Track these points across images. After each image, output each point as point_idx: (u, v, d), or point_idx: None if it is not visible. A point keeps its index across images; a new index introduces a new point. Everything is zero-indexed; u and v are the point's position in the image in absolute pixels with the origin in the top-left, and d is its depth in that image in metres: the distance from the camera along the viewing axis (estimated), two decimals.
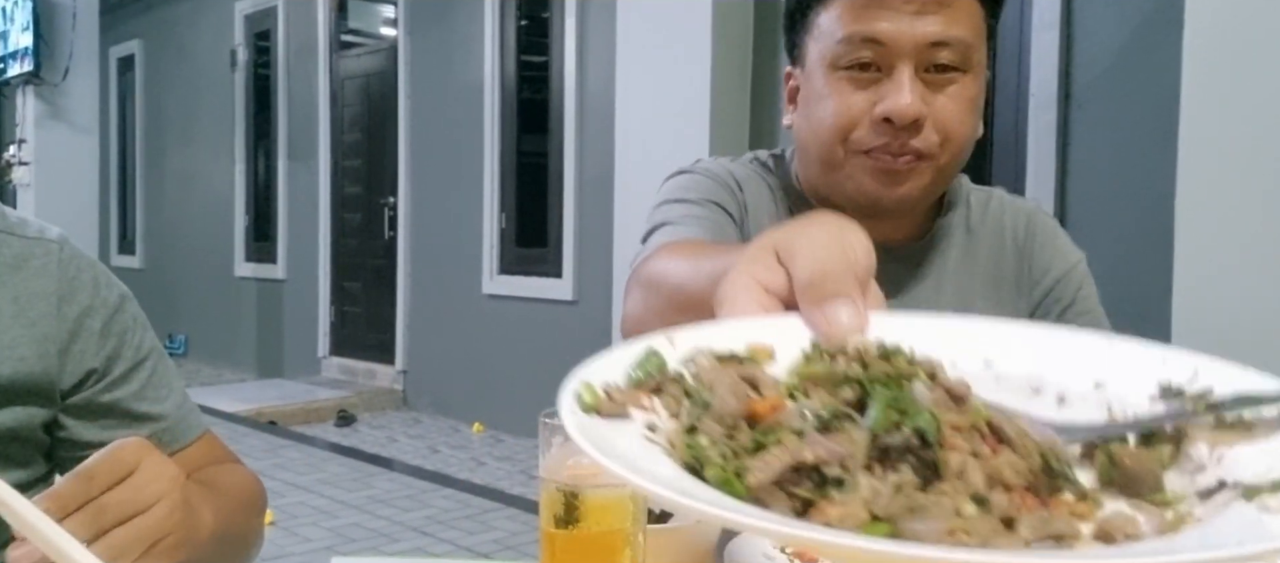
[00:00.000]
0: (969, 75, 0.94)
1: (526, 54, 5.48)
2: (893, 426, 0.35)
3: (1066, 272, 1.03)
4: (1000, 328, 0.48)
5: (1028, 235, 1.04)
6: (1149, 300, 2.05)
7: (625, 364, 0.42)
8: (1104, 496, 0.37)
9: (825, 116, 0.95)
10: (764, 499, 0.35)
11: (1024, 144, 3.33)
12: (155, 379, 0.93)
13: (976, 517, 0.33)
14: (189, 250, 7.89)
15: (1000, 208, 1.06)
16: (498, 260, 5.60)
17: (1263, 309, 1.64)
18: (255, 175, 7.41)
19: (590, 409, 0.39)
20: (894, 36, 0.91)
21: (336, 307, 6.80)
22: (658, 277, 0.81)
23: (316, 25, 6.70)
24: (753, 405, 0.39)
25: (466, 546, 3.61)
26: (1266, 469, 0.35)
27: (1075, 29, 3.21)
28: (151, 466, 0.66)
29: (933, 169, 0.94)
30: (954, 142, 0.94)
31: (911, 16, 0.91)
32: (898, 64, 0.92)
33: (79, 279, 0.90)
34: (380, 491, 4.31)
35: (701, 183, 1.00)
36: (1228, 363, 0.42)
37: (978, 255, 1.04)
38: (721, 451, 0.37)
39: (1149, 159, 2.94)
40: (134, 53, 8.38)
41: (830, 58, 0.94)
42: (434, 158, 5.96)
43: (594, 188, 4.83)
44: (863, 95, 0.93)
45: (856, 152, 0.94)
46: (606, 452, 0.35)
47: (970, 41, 0.93)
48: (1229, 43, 1.69)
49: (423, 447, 5.25)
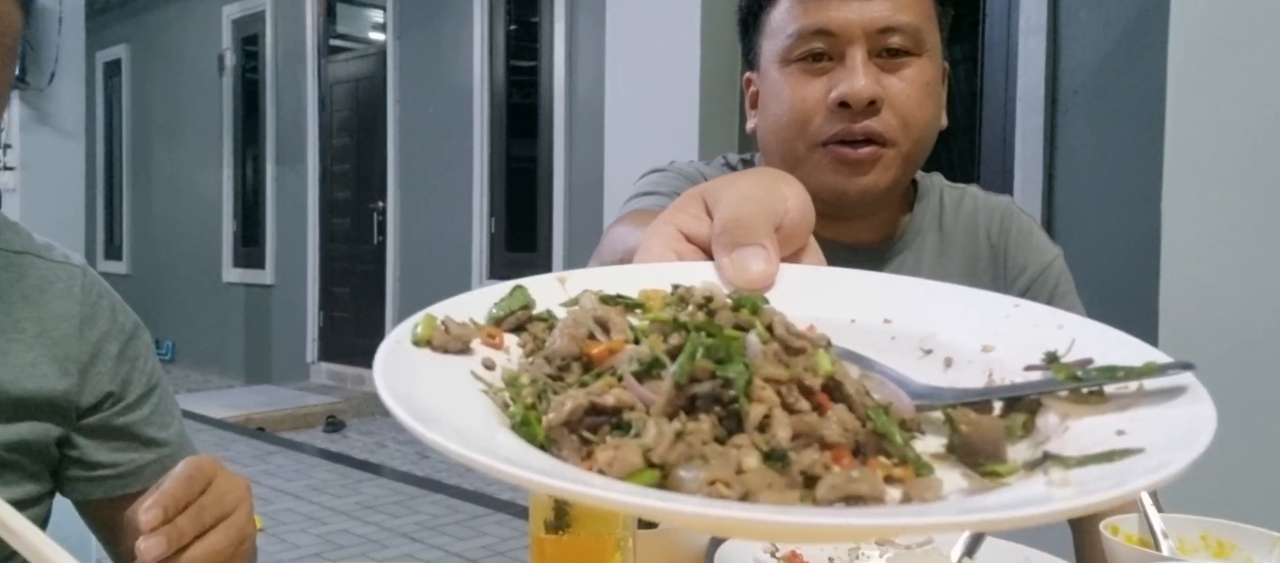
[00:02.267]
0: (922, 58, 0.94)
1: (516, 58, 5.48)
2: (701, 375, 0.33)
3: (1043, 268, 1.02)
4: (907, 286, 0.47)
5: (1002, 232, 1.03)
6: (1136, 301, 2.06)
7: (492, 299, 0.41)
8: (945, 463, 0.36)
9: (782, 111, 0.96)
10: (557, 442, 0.33)
11: (1012, 147, 3.34)
12: (162, 406, 0.97)
13: (757, 470, 0.31)
14: (176, 256, 7.85)
15: (974, 205, 1.05)
16: (487, 265, 5.59)
17: (1249, 309, 1.65)
18: (243, 180, 7.38)
19: (422, 341, 0.38)
20: (843, 24, 0.92)
21: (325, 312, 6.78)
22: (608, 243, 0.84)
23: (305, 30, 6.68)
24: (586, 347, 0.37)
25: (456, 551, 3.60)
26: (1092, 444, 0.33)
27: (1062, 33, 3.23)
28: (225, 477, 0.75)
29: (895, 157, 0.94)
30: (913, 125, 0.94)
31: (859, 3, 0.92)
32: (849, 50, 0.92)
33: (99, 305, 0.94)
34: (369, 496, 4.30)
35: (672, 179, 1.01)
36: (1118, 334, 0.39)
37: (952, 253, 1.03)
38: (540, 391, 0.36)
39: (1135, 161, 2.96)
40: (121, 57, 8.34)
41: (782, 53, 0.96)
42: (423, 162, 5.95)
43: (583, 192, 4.83)
44: (817, 83, 0.94)
45: (816, 145, 0.94)
46: (394, 383, 0.32)
47: (919, 25, 0.94)
48: (1213, 46, 1.71)
49: (412, 452, 5.23)
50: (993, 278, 1.02)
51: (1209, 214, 1.70)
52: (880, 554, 0.75)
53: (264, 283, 7.13)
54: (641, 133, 3.86)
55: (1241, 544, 0.73)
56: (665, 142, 3.69)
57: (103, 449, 0.93)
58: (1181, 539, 0.74)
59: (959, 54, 3.56)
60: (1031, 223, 1.06)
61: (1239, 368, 1.65)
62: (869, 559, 0.75)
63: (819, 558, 0.75)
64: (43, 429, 0.89)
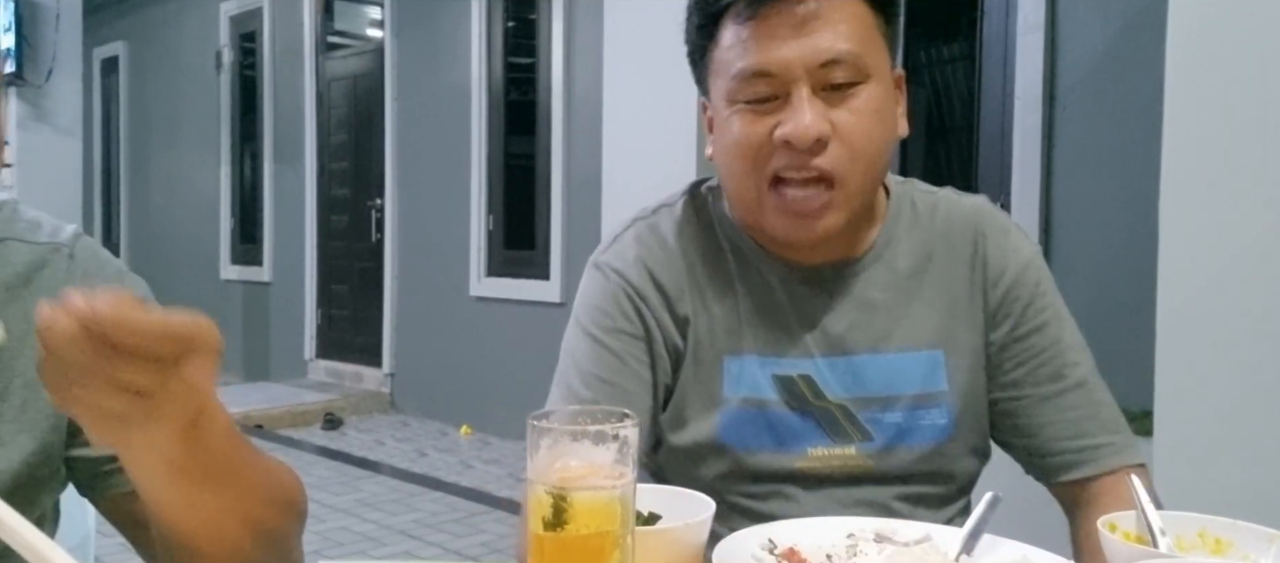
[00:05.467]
0: (870, 84, 0.93)
1: (514, 56, 5.47)
2: None
3: (1022, 269, 1.01)
4: None
5: (979, 236, 1.02)
6: (1134, 299, 2.06)
7: None
8: None
9: (733, 153, 0.95)
10: None
11: (1009, 146, 3.34)
12: None
13: None
14: (174, 253, 7.84)
15: (948, 209, 1.04)
16: (485, 263, 5.58)
17: (1248, 308, 1.65)
18: (241, 178, 7.37)
19: None
20: (783, 64, 0.91)
21: (323, 309, 6.77)
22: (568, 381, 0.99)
23: (302, 27, 6.67)
24: None
25: (455, 549, 3.60)
26: None
27: (1059, 32, 3.23)
28: None
29: (844, 197, 0.93)
30: (862, 156, 0.93)
31: (795, 41, 0.91)
32: (793, 88, 0.91)
33: (90, 283, 0.82)
34: (367, 494, 4.29)
35: (609, 312, 1.00)
36: None
37: (926, 262, 1.02)
38: None
39: (1133, 160, 2.96)
40: (118, 54, 8.32)
41: (728, 93, 0.95)
42: (421, 160, 5.95)
43: (582, 190, 4.83)
44: (764, 123, 0.93)
45: (767, 185, 0.94)
46: None
47: (860, 52, 0.92)
48: (1212, 44, 1.71)
49: (410, 450, 5.23)
50: (970, 284, 1.02)
51: (1207, 212, 1.70)
52: (879, 551, 0.75)
53: (262, 280, 7.12)
54: (640, 130, 3.85)
55: (1239, 542, 0.74)
56: (663, 138, 3.69)
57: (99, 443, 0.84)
58: (1179, 537, 0.75)
59: (957, 52, 3.56)
60: (1006, 221, 1.06)
61: (1237, 367, 1.65)
62: (867, 557, 0.75)
63: (817, 556, 0.75)
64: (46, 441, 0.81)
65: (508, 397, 4.91)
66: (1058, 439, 0.99)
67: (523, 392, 0.96)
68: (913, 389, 0.99)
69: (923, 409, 0.99)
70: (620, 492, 0.62)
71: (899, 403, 0.99)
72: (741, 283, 1.01)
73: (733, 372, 0.99)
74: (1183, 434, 1.66)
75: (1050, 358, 0.99)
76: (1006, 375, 1.01)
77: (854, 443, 0.98)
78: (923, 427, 0.99)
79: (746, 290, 1.01)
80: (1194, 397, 1.67)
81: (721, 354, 0.99)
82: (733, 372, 0.99)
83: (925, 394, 0.99)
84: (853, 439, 0.98)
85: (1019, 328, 1.00)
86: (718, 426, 0.98)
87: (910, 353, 0.99)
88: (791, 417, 0.98)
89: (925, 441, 0.99)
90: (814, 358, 0.99)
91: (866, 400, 0.98)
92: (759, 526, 0.78)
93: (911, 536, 0.77)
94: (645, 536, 0.70)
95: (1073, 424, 0.98)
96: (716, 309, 1.00)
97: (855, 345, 0.99)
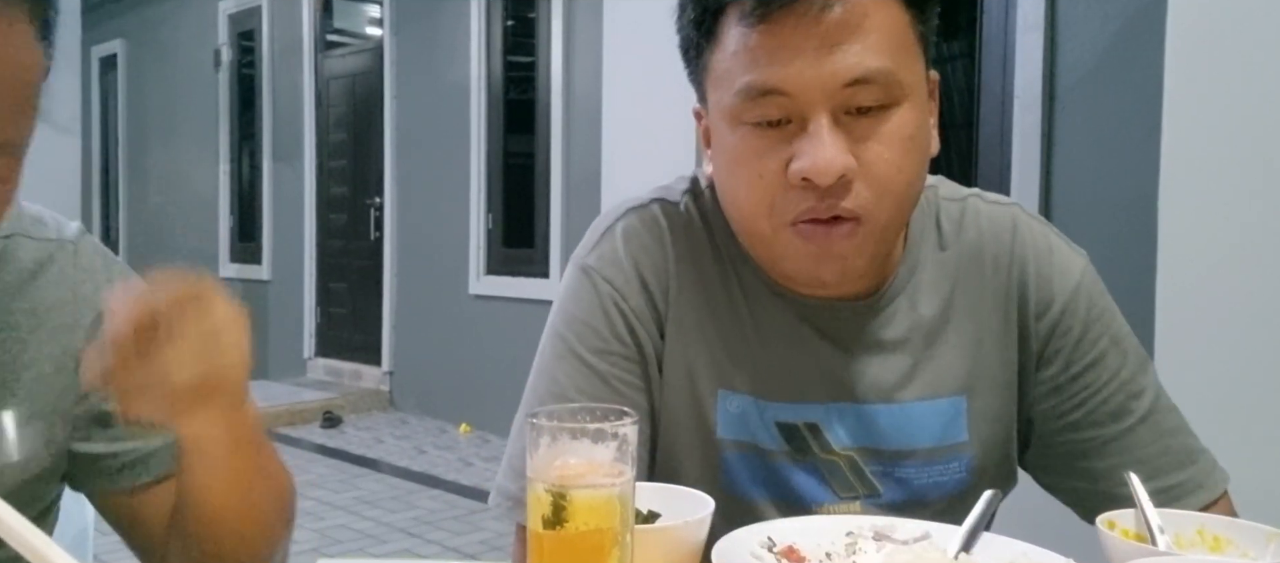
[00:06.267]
0: (903, 106, 0.78)
1: (513, 54, 5.47)
2: None
3: (1071, 296, 0.88)
4: None
5: (1015, 261, 0.89)
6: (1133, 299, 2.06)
7: None
8: None
9: (740, 188, 0.81)
10: None
11: (1009, 144, 3.34)
12: None
13: None
14: (172, 251, 7.83)
15: (976, 222, 0.91)
16: (484, 261, 5.58)
17: (1246, 306, 1.65)
18: (239, 176, 7.37)
19: None
20: (800, 85, 0.75)
21: (322, 308, 6.77)
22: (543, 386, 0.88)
23: (301, 25, 6.67)
24: None
25: (453, 546, 3.60)
26: None
27: (1059, 31, 3.23)
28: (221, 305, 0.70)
29: (870, 232, 0.79)
30: (892, 194, 0.79)
31: (818, 54, 0.74)
32: (811, 113, 0.76)
33: (93, 281, 0.83)
34: (367, 492, 4.29)
35: (598, 329, 0.88)
36: None
37: (955, 283, 0.90)
38: None
39: (1132, 158, 2.96)
40: (116, 52, 8.32)
41: (730, 111, 0.79)
42: (420, 158, 5.94)
43: (581, 188, 4.83)
44: (777, 156, 0.78)
45: (783, 225, 0.80)
46: None
47: (894, 69, 0.76)
48: (1211, 43, 1.71)
49: (409, 448, 5.23)
50: (1005, 318, 0.89)
51: (1206, 211, 1.70)
52: (878, 549, 0.75)
53: (261, 278, 7.12)
54: (639, 128, 3.85)
55: (1237, 540, 0.74)
56: (662, 136, 3.69)
57: (100, 439, 0.84)
58: (1178, 534, 0.75)
59: (956, 50, 3.56)
60: (1048, 236, 0.91)
61: (1236, 365, 1.65)
62: (866, 555, 0.75)
63: (817, 554, 0.75)
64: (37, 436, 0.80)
65: (506, 395, 4.90)
66: (1125, 485, 0.83)
67: (521, 390, 0.95)
68: (929, 443, 0.88)
69: (939, 464, 0.88)
70: (619, 490, 0.62)
71: (913, 458, 0.88)
72: (744, 307, 0.89)
73: (729, 409, 0.88)
74: None
75: (1111, 394, 0.88)
76: (1063, 418, 0.89)
77: (859, 498, 0.88)
78: (938, 482, 0.88)
79: (749, 317, 0.89)
80: (1192, 394, 1.67)
81: (716, 386, 0.88)
82: (729, 409, 0.88)
83: (943, 447, 0.88)
84: (858, 494, 0.88)
85: (1073, 365, 0.88)
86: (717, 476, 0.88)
87: (928, 402, 0.88)
88: (793, 470, 0.88)
89: (939, 497, 0.89)
90: (823, 405, 0.88)
91: (876, 453, 0.88)
92: (758, 524, 0.78)
93: (910, 533, 0.77)
94: (644, 534, 0.70)
95: (1141, 465, 0.85)
96: (711, 329, 0.88)
97: (867, 394, 0.87)
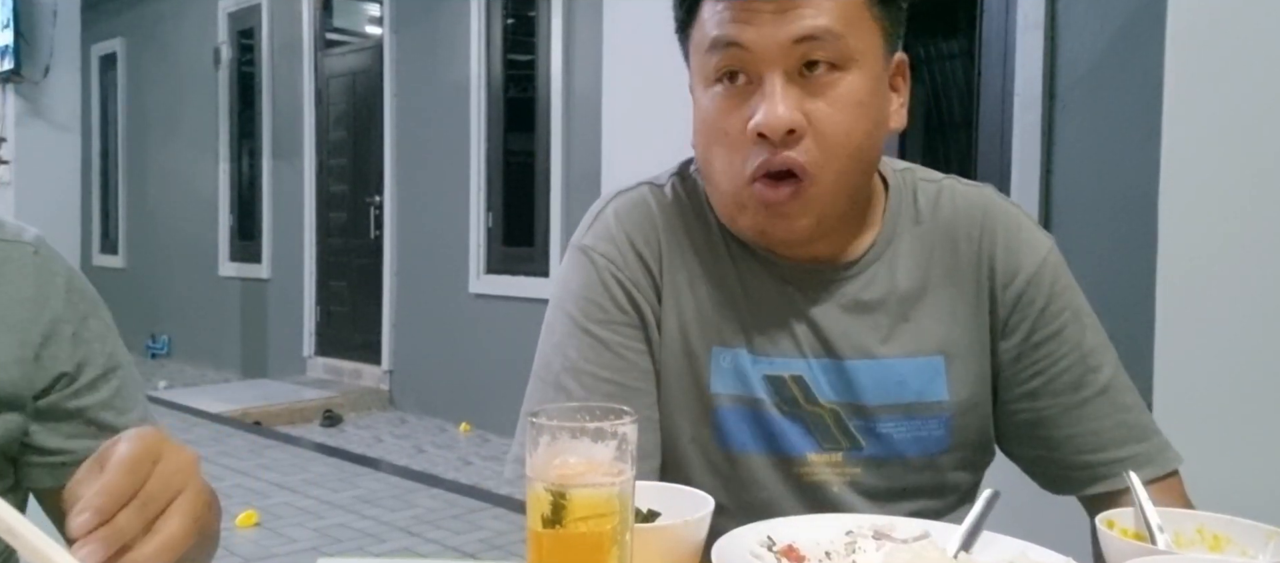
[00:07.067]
0: (853, 71, 0.86)
1: (513, 52, 5.47)
2: None
3: (1036, 270, 0.95)
4: None
5: (985, 235, 0.96)
6: (1133, 297, 2.06)
7: None
8: None
9: (712, 148, 0.90)
10: None
11: (1009, 143, 3.34)
12: (123, 391, 0.92)
13: None
14: (172, 250, 7.83)
15: (952, 204, 0.97)
16: (484, 260, 5.58)
17: (1247, 306, 1.65)
18: (239, 174, 7.36)
19: None
20: (755, 41, 0.85)
21: (322, 306, 6.77)
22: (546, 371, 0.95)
23: (301, 23, 6.66)
24: None
25: (453, 545, 3.60)
26: None
27: (1059, 30, 3.23)
28: (172, 452, 0.65)
29: (816, 194, 0.87)
30: (838, 152, 0.86)
31: (774, 16, 0.84)
32: (766, 72, 0.85)
33: (53, 283, 0.89)
34: (366, 491, 4.29)
35: (600, 301, 0.95)
36: None
37: (929, 260, 0.96)
38: None
39: (1133, 157, 2.96)
40: (116, 50, 8.32)
41: (704, 73, 0.90)
42: (420, 157, 5.94)
43: (581, 187, 4.83)
44: (739, 115, 0.87)
45: (744, 182, 0.88)
46: None
47: (840, 32, 0.85)
48: (1211, 42, 1.71)
49: (409, 447, 5.23)
50: (977, 287, 0.95)
51: (1206, 210, 1.70)
52: (877, 548, 0.75)
53: (260, 277, 7.12)
54: (639, 127, 3.85)
55: (1237, 538, 0.74)
56: (662, 135, 3.68)
57: (54, 435, 0.88)
58: (1177, 533, 0.75)
59: (956, 49, 3.56)
60: (1017, 215, 0.98)
61: (1236, 365, 1.65)
62: (866, 554, 0.75)
63: (816, 553, 0.75)
64: (5, 423, 0.85)
65: (506, 394, 4.90)
66: (1081, 453, 0.93)
67: (521, 389, 0.95)
68: (908, 398, 0.93)
69: (917, 419, 0.93)
70: (619, 489, 0.62)
71: (893, 412, 0.93)
72: (732, 271, 0.96)
73: (722, 364, 0.94)
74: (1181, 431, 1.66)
75: (1070, 365, 0.93)
76: (1023, 386, 0.95)
77: (841, 450, 0.93)
78: (917, 438, 0.93)
79: (738, 279, 0.95)
80: (1192, 394, 1.67)
81: (710, 343, 0.94)
82: (722, 364, 0.94)
83: (922, 403, 0.93)
84: (841, 447, 0.94)
85: (1035, 334, 0.94)
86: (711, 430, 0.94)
87: (908, 359, 0.93)
88: (782, 421, 0.93)
89: (917, 453, 0.94)
90: (806, 359, 0.94)
91: (858, 408, 0.93)
92: (758, 523, 0.78)
93: (910, 532, 0.77)
94: (644, 533, 0.70)
95: (1096, 436, 0.92)
96: (703, 291, 0.95)
97: (848, 351, 0.93)
